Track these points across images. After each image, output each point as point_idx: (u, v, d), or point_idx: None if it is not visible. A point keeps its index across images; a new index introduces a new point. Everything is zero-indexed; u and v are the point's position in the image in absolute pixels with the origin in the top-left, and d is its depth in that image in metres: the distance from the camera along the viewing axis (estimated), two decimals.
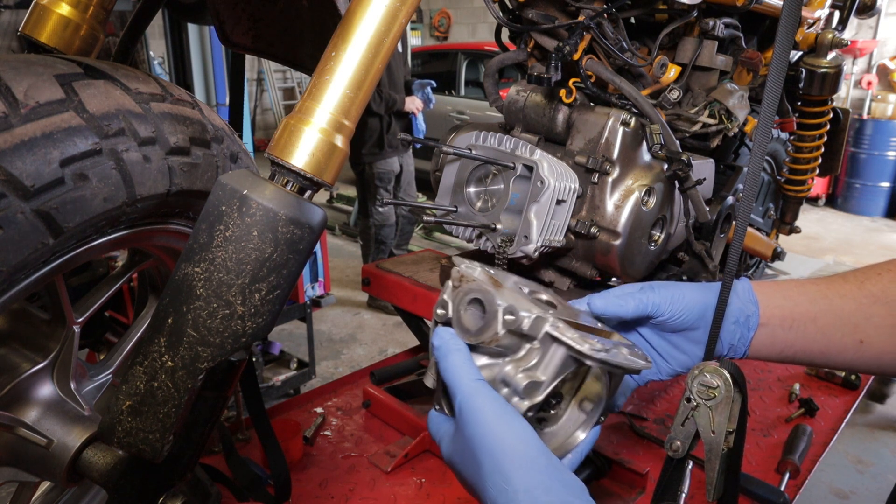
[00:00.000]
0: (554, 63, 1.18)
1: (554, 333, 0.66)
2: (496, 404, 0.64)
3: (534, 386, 0.66)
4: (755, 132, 0.83)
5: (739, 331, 0.86)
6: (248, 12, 1.27)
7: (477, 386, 0.65)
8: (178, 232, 1.00)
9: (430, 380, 0.75)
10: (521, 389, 0.67)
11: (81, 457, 0.93)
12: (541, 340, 0.67)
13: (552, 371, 0.67)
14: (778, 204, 2.32)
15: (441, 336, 0.69)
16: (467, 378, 0.66)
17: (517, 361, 0.68)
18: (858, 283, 0.86)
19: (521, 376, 0.67)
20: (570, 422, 0.75)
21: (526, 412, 0.66)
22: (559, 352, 0.67)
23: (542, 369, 0.67)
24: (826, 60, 1.79)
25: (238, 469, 1.44)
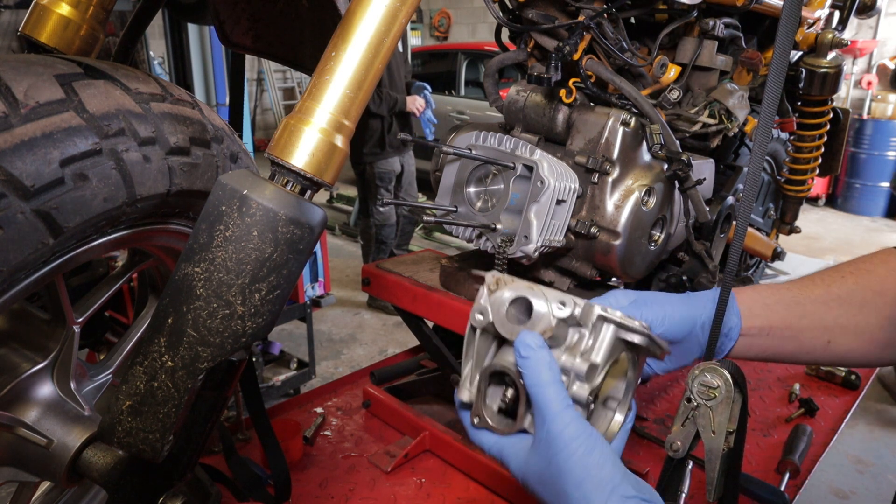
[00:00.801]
0: (554, 63, 1.18)
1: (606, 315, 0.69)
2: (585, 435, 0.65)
3: (592, 369, 0.68)
4: (755, 132, 0.83)
5: (721, 341, 0.89)
6: (248, 12, 1.27)
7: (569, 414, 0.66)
8: (178, 232, 1.00)
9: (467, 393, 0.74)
10: (582, 374, 0.68)
11: (81, 457, 0.93)
12: (592, 326, 0.69)
13: (605, 352, 0.69)
14: (778, 204, 2.32)
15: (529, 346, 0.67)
16: (559, 404, 0.66)
17: (571, 350, 0.70)
18: (826, 287, 0.90)
19: (580, 361, 0.68)
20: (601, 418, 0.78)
21: (588, 396, 0.68)
22: (609, 333, 0.69)
23: (595, 353, 0.69)
24: (826, 60, 1.79)
25: (238, 469, 1.44)
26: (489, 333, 0.74)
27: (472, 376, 0.74)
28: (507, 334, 0.70)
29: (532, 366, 0.67)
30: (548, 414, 0.65)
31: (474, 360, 0.74)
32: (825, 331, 0.89)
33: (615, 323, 0.69)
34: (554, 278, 1.37)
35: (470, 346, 0.75)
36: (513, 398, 0.71)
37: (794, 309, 0.90)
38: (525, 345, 0.67)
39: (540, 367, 0.66)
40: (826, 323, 0.89)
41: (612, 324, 0.69)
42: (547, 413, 0.66)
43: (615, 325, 0.69)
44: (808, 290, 0.91)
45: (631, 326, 0.70)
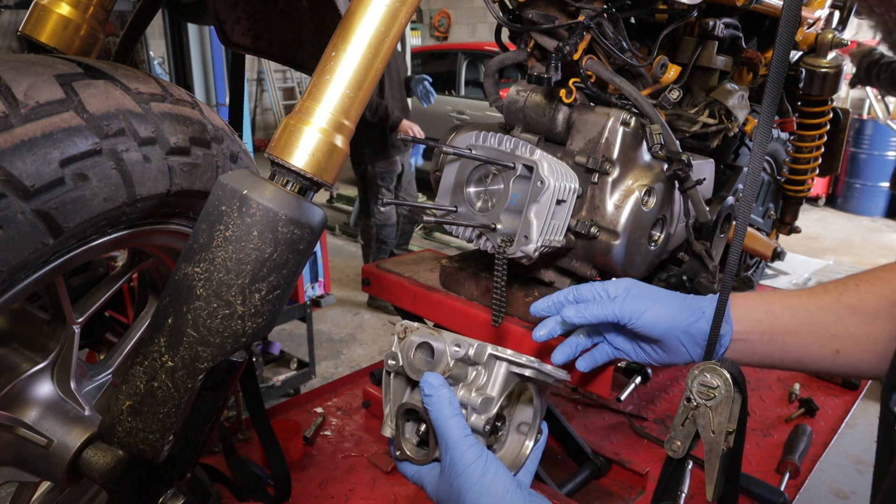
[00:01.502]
0: (554, 63, 1.18)
1: (496, 353, 0.79)
2: (481, 460, 0.74)
3: (487, 401, 0.78)
4: (755, 132, 0.83)
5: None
6: (248, 12, 1.27)
7: (467, 442, 0.75)
8: (178, 232, 1.00)
9: (388, 430, 0.84)
10: (477, 406, 0.78)
11: (81, 457, 0.93)
12: (485, 363, 0.80)
13: (499, 386, 0.79)
14: (778, 204, 2.31)
15: (431, 384, 0.77)
16: (459, 434, 0.75)
17: (468, 386, 0.80)
18: (837, 295, 0.89)
19: (475, 395, 0.79)
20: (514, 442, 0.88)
21: (484, 426, 0.78)
22: (502, 368, 0.79)
23: (490, 387, 0.79)
24: (826, 60, 1.79)
25: (238, 469, 1.44)
26: (402, 376, 0.84)
27: (391, 414, 0.84)
28: (414, 376, 0.80)
29: (435, 402, 0.76)
30: (449, 442, 0.75)
31: (392, 400, 0.85)
32: (833, 340, 0.87)
33: (505, 360, 0.79)
34: (554, 278, 1.37)
35: (387, 388, 0.86)
36: (425, 431, 0.82)
37: (801, 316, 0.89)
38: (428, 384, 0.77)
39: (441, 403, 0.76)
40: (835, 332, 0.87)
41: (503, 361, 0.79)
42: (449, 442, 0.75)
43: (506, 361, 0.79)
44: (818, 298, 0.90)
45: (519, 362, 0.79)
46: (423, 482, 0.81)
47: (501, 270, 1.11)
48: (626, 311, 0.91)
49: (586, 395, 1.98)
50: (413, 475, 0.83)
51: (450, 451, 0.75)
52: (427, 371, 0.79)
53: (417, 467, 0.82)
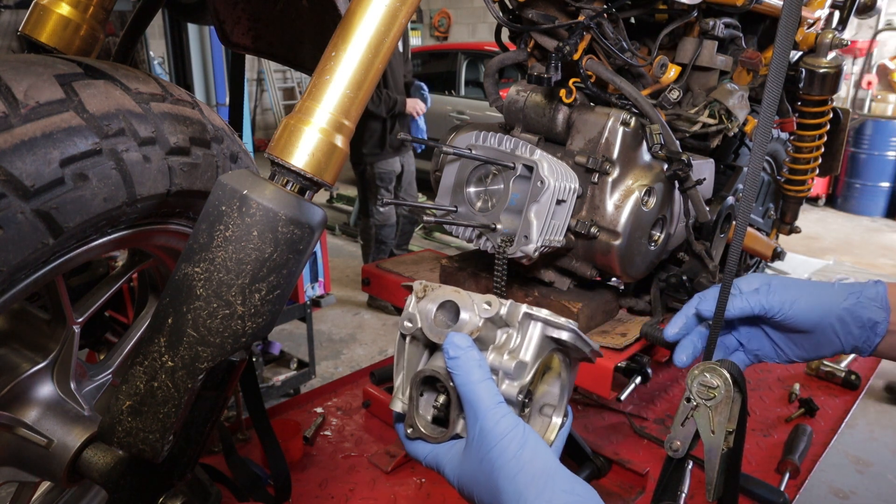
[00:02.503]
0: (554, 63, 1.18)
1: (532, 312, 0.70)
2: (518, 430, 0.65)
3: (520, 367, 0.69)
4: (755, 132, 0.83)
5: (865, 335, 0.85)
6: (248, 12, 1.27)
7: (500, 410, 0.65)
8: (178, 232, 1.00)
9: (399, 403, 0.74)
10: (511, 371, 0.68)
11: (81, 457, 0.93)
12: (519, 324, 0.70)
13: (534, 350, 0.70)
14: (778, 204, 2.31)
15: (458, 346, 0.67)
16: (491, 401, 0.65)
17: (499, 349, 0.70)
18: None
19: (507, 359, 0.69)
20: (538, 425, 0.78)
21: (518, 394, 0.69)
22: (537, 330, 0.70)
23: (524, 351, 0.70)
24: (826, 60, 1.79)
25: (238, 469, 1.44)
26: (419, 341, 0.74)
27: (403, 386, 0.74)
28: (436, 338, 0.70)
29: (462, 365, 0.66)
30: (480, 411, 0.65)
31: (405, 369, 0.75)
32: None
33: (542, 320, 0.70)
34: (554, 278, 1.37)
35: (400, 356, 0.75)
36: (445, 404, 0.71)
37: None
38: (454, 345, 0.67)
39: (470, 365, 0.66)
40: None
41: (539, 321, 0.70)
42: (479, 410, 0.65)
43: (542, 322, 0.70)
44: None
45: (557, 323, 0.70)
46: (441, 463, 0.71)
47: (501, 270, 1.11)
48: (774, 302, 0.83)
49: (586, 395, 1.98)
50: (427, 456, 0.72)
51: (480, 420, 0.65)
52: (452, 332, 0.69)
53: (433, 447, 0.72)
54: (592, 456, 1.59)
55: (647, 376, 1.72)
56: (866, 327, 0.84)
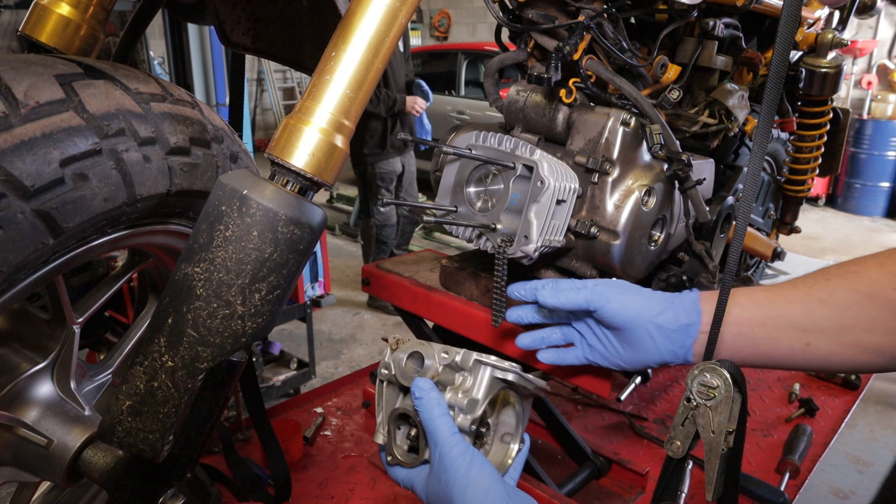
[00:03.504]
0: (554, 63, 1.18)
1: (480, 359, 0.86)
2: (467, 454, 0.79)
3: (472, 403, 0.84)
4: (755, 132, 0.83)
5: (679, 337, 0.91)
6: (247, 12, 1.27)
7: (455, 439, 0.80)
8: (178, 232, 1.00)
9: (381, 437, 0.90)
10: (464, 407, 0.83)
11: (81, 457, 0.93)
12: (471, 368, 0.86)
13: (484, 389, 0.85)
14: (778, 204, 2.32)
15: (422, 388, 0.83)
16: (447, 432, 0.80)
17: (455, 389, 0.86)
18: (807, 289, 0.89)
19: (461, 397, 0.84)
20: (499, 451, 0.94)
21: (470, 425, 0.83)
22: (487, 373, 0.85)
23: (475, 390, 0.85)
24: (826, 60, 1.79)
25: (238, 469, 1.44)
26: (394, 385, 0.91)
27: (383, 423, 0.90)
28: (406, 382, 0.86)
29: (425, 403, 0.82)
30: (438, 440, 0.80)
31: (384, 409, 0.91)
32: (803, 332, 0.87)
33: (490, 365, 0.85)
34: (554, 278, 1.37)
35: (380, 398, 0.92)
36: (415, 436, 0.87)
37: (768, 308, 0.89)
38: (419, 387, 0.83)
39: (431, 404, 0.82)
40: (804, 324, 0.87)
41: (488, 366, 0.85)
42: (438, 439, 0.80)
43: (490, 366, 0.85)
44: (786, 291, 0.90)
45: (503, 367, 0.86)
46: (414, 484, 0.85)
47: (501, 270, 1.11)
48: (596, 297, 0.93)
49: (586, 395, 1.98)
50: (404, 478, 0.87)
51: (438, 447, 0.79)
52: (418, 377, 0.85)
53: (408, 471, 0.86)
54: (592, 456, 1.59)
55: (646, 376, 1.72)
56: (679, 330, 0.91)
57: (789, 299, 0.89)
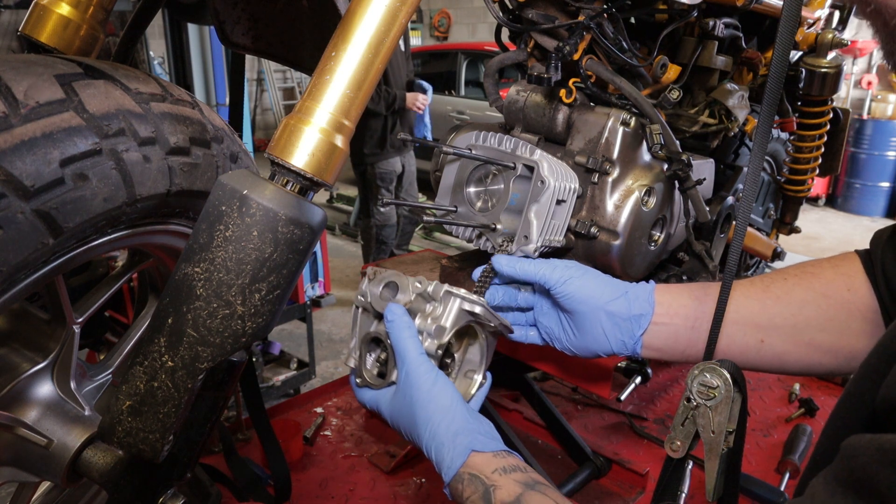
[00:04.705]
0: (554, 63, 1.18)
1: (451, 290, 0.89)
2: (432, 373, 0.83)
3: (440, 329, 0.88)
4: (755, 132, 0.83)
5: (629, 326, 0.91)
6: (247, 12, 1.27)
7: (421, 359, 0.84)
8: (178, 232, 1.00)
9: (353, 360, 0.94)
10: (432, 332, 0.87)
11: (81, 457, 0.93)
12: (441, 299, 0.89)
13: (451, 318, 0.89)
14: (778, 204, 2.31)
15: (394, 312, 0.87)
16: (414, 352, 0.84)
17: (425, 316, 0.89)
18: (764, 286, 0.90)
19: (430, 323, 0.88)
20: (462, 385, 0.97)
21: (436, 350, 0.87)
22: (455, 304, 0.89)
23: (444, 318, 0.89)
24: (826, 60, 1.79)
25: (238, 469, 1.44)
26: (369, 312, 0.94)
27: (356, 347, 0.94)
28: (380, 308, 0.90)
29: (395, 326, 0.85)
30: (406, 359, 0.83)
31: (358, 334, 0.95)
32: (758, 329, 0.88)
33: (459, 297, 0.89)
34: None
35: (355, 324, 0.96)
36: (384, 360, 0.91)
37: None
38: (391, 311, 0.87)
39: (401, 326, 0.85)
40: (759, 321, 0.88)
41: (457, 297, 0.89)
42: (405, 358, 0.83)
43: (459, 298, 0.89)
44: (743, 288, 0.91)
45: (471, 299, 0.90)
46: (379, 404, 0.88)
47: None
48: (554, 276, 0.94)
49: (586, 395, 1.98)
50: (370, 399, 0.90)
51: (406, 364, 0.83)
52: (391, 303, 0.89)
53: (375, 393, 0.89)
54: (592, 456, 1.59)
55: (647, 376, 1.72)
56: (630, 319, 0.92)
57: (746, 295, 0.89)
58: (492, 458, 0.78)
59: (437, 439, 0.80)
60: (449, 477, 0.79)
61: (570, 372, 1.23)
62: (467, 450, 0.78)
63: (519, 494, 0.73)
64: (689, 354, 0.92)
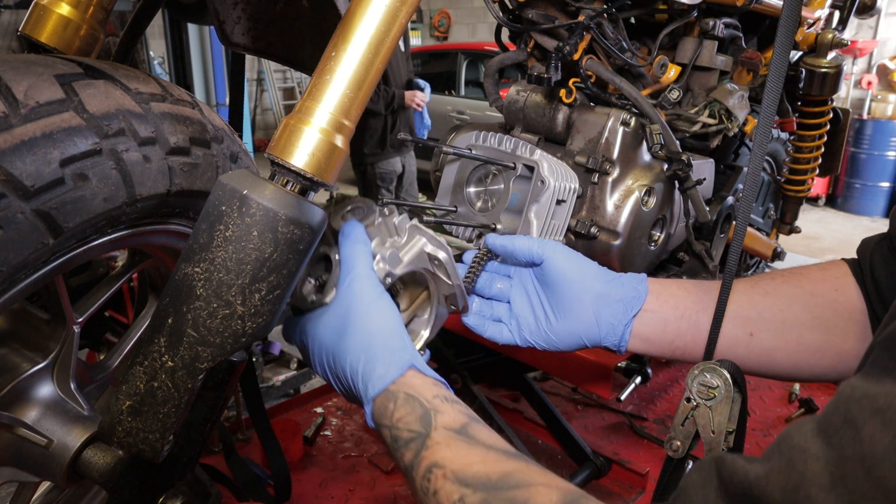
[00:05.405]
0: (554, 63, 1.18)
1: (419, 226, 0.83)
2: (378, 288, 0.76)
3: (395, 258, 0.81)
4: (755, 132, 0.83)
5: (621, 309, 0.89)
6: (247, 12, 1.27)
7: (370, 273, 0.78)
8: (178, 232, 1.00)
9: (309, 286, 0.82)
10: (387, 258, 0.81)
11: (81, 457, 0.93)
12: (407, 232, 0.84)
13: (412, 255, 0.82)
14: (778, 204, 2.32)
15: (352, 226, 0.81)
16: (364, 265, 0.78)
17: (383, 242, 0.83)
18: (752, 283, 0.90)
19: (388, 248, 0.82)
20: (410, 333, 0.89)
21: (385, 277, 0.80)
22: (420, 242, 0.83)
23: (403, 251, 0.82)
24: (826, 60, 1.79)
25: (238, 469, 1.44)
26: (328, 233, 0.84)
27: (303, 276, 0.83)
28: (337, 226, 0.82)
29: (349, 240, 0.79)
30: (352, 269, 0.77)
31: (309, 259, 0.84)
32: (747, 322, 0.87)
33: (426, 236, 0.83)
34: None
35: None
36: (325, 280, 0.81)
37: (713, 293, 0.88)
38: (349, 226, 0.81)
39: (356, 240, 0.79)
40: (748, 314, 0.87)
41: (423, 236, 0.83)
42: (352, 269, 0.77)
43: (425, 237, 0.83)
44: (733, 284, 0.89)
45: (438, 241, 0.83)
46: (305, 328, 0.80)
47: None
48: (546, 249, 0.90)
49: (586, 395, 1.98)
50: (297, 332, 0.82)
51: (350, 275, 0.76)
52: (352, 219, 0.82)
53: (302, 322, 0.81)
54: (592, 456, 1.59)
55: (647, 376, 1.72)
56: (623, 301, 0.88)
57: (735, 290, 0.89)
58: (432, 385, 0.72)
59: (369, 352, 0.72)
60: (377, 390, 0.71)
61: (570, 372, 1.24)
62: (406, 364, 0.72)
63: (465, 424, 0.67)
64: (677, 346, 0.91)
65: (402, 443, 0.70)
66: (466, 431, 0.67)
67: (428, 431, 0.67)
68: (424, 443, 0.67)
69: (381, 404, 0.71)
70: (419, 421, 0.68)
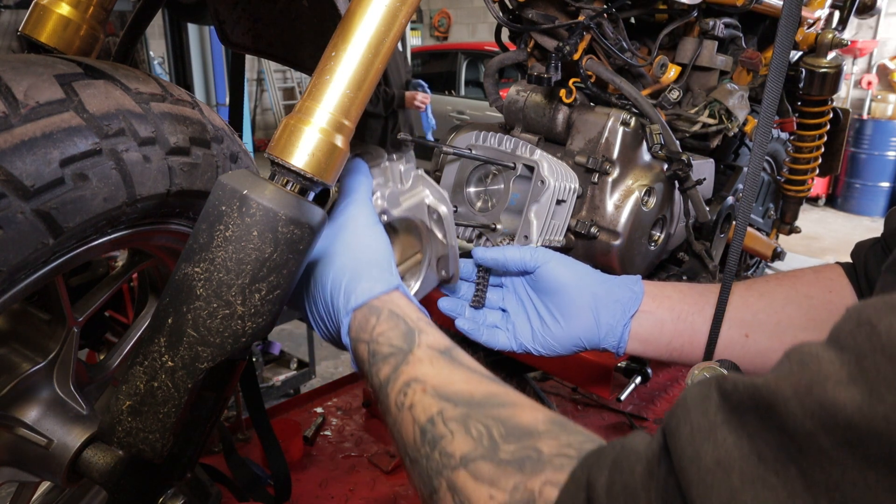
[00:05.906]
0: (554, 63, 1.18)
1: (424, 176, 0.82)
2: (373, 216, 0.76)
3: (395, 198, 0.81)
4: (755, 132, 0.83)
5: (620, 309, 0.89)
6: (248, 12, 1.27)
7: (368, 201, 0.78)
8: (178, 232, 1.00)
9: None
10: (386, 197, 0.81)
11: (81, 457, 0.93)
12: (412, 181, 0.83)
13: (412, 202, 0.82)
14: (778, 204, 2.32)
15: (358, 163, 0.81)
16: (364, 193, 0.78)
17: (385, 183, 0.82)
18: (746, 286, 0.90)
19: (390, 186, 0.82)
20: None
21: (381, 214, 0.80)
22: (423, 193, 0.82)
23: (404, 196, 0.82)
24: (826, 60, 1.79)
25: (238, 469, 1.44)
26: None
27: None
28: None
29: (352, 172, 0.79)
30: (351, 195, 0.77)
31: None
32: (742, 323, 0.87)
33: (430, 187, 0.82)
34: None
35: None
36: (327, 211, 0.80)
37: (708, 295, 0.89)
38: (355, 162, 0.81)
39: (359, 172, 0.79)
40: (743, 315, 0.87)
41: (427, 188, 0.82)
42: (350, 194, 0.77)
43: (429, 188, 0.82)
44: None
45: (441, 195, 0.82)
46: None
47: None
48: (539, 257, 0.90)
49: (586, 395, 1.98)
50: None
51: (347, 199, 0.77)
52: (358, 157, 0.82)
53: None
54: None
55: (647, 376, 1.72)
56: (621, 301, 0.89)
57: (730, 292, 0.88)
58: (417, 309, 0.69)
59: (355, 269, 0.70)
60: (359, 301, 0.68)
61: (570, 372, 1.24)
62: (393, 285, 0.70)
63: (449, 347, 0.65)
64: (674, 347, 0.91)
65: (379, 357, 0.66)
66: (451, 353, 0.64)
67: (410, 348, 0.65)
68: (405, 358, 0.64)
69: (362, 317, 0.69)
70: (402, 337, 0.65)
